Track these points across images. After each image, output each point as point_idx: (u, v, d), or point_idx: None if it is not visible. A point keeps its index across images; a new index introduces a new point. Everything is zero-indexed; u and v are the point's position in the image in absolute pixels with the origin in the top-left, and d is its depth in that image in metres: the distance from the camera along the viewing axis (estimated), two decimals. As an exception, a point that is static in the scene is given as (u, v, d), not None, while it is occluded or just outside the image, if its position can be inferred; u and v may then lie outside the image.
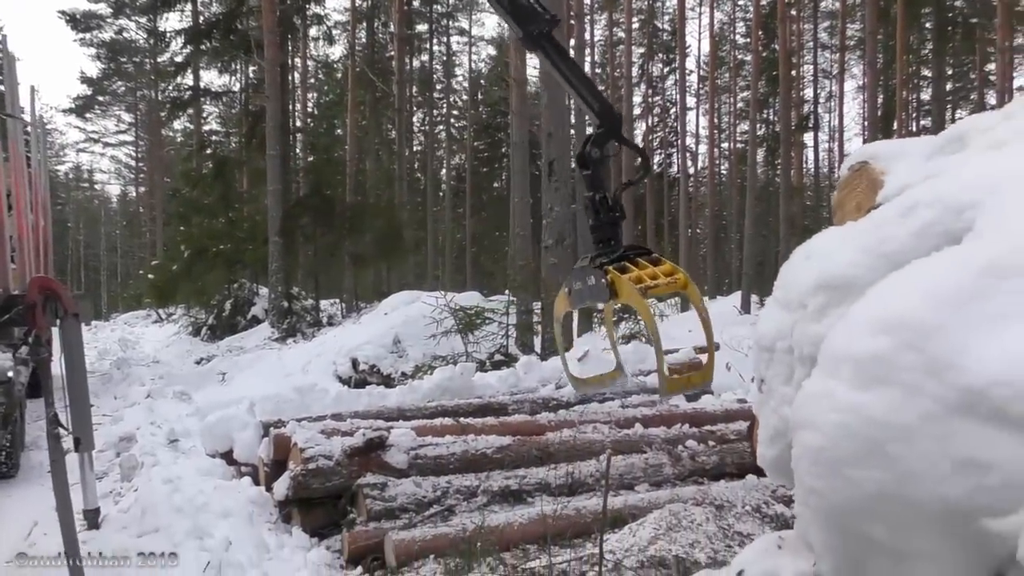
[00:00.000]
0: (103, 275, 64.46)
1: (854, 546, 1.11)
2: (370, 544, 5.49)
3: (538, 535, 5.43)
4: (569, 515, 5.70)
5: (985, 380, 0.99)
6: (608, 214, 6.71)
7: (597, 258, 6.57)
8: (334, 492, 5.95)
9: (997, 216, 1.22)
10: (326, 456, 5.93)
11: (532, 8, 6.71)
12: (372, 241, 22.41)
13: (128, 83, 56.43)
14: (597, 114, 6.78)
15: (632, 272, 6.19)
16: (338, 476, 5.90)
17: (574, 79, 6.87)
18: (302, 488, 5.85)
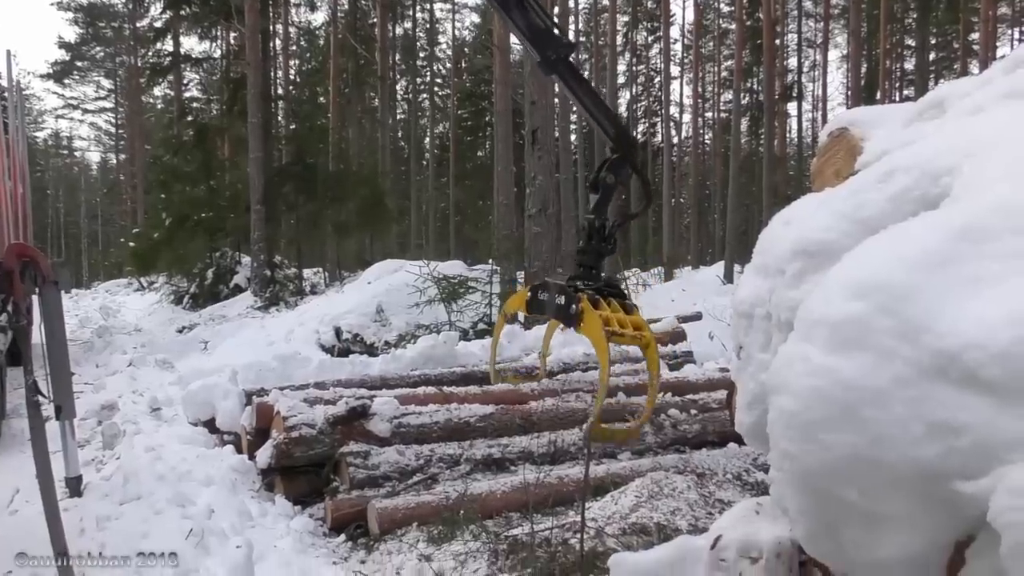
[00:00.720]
0: (83, 243, 63.98)
1: (827, 509, 1.12)
2: (353, 512, 5.52)
3: (520, 503, 5.47)
4: (551, 483, 5.74)
5: (958, 344, 1.00)
6: (600, 243, 6.78)
7: (575, 281, 6.63)
8: (317, 461, 5.96)
9: (973, 181, 1.22)
10: (309, 424, 5.94)
11: (550, 32, 6.70)
12: (355, 210, 22.31)
13: (107, 48, 55.86)
14: (613, 140, 6.82)
15: (604, 311, 6.26)
16: (321, 444, 5.91)
17: (590, 104, 6.85)
18: (285, 456, 5.86)
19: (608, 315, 6.24)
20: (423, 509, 5.36)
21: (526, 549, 4.62)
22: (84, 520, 5.01)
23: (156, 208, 23.87)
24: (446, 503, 5.40)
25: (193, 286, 22.04)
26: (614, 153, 6.86)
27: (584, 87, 6.99)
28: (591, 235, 6.78)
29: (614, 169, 6.79)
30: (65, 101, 60.87)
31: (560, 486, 5.74)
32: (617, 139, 6.81)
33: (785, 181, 37.66)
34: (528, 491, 5.49)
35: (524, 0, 6.63)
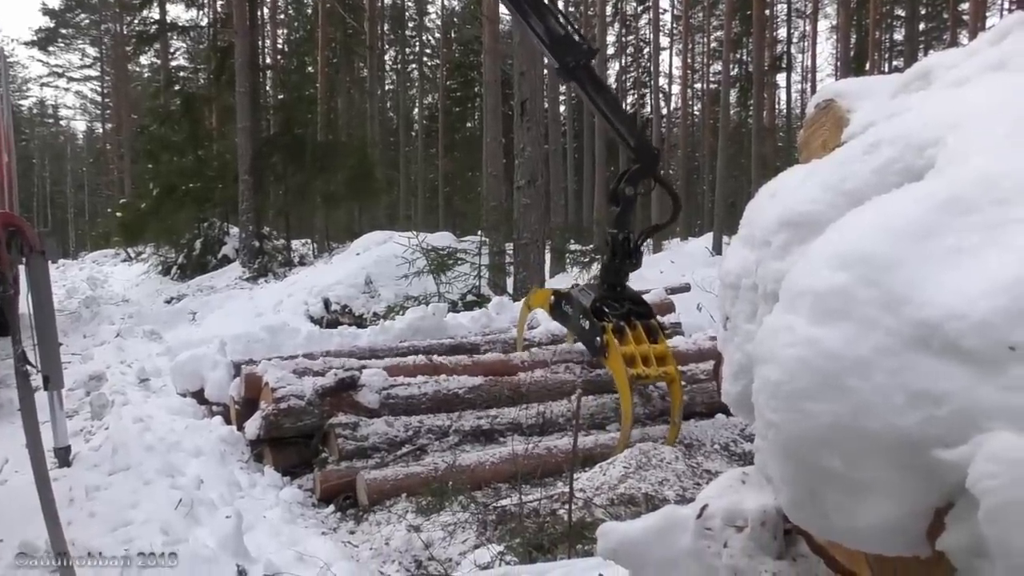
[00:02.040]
0: (70, 213, 63.59)
1: (810, 477, 1.14)
2: (342, 483, 5.56)
3: (509, 474, 5.51)
4: (540, 454, 5.78)
5: (939, 314, 1.01)
6: (623, 260, 6.61)
7: (599, 302, 6.45)
8: (306, 432, 5.99)
9: (957, 153, 1.23)
10: (297, 396, 5.97)
11: (570, 38, 6.49)
12: (344, 180, 22.22)
13: (92, 16, 55.27)
14: (634, 150, 6.61)
15: (628, 344, 6.09)
16: (309, 416, 5.94)
17: (609, 113, 6.64)
18: (273, 428, 5.89)
19: (632, 351, 6.06)
20: (411, 480, 5.40)
21: (515, 520, 4.66)
22: (73, 490, 5.03)
23: (143, 178, 23.75)
24: (434, 474, 5.43)
25: (181, 257, 21.98)
26: (634, 163, 6.67)
27: (604, 95, 6.79)
28: (615, 251, 6.60)
29: (633, 180, 6.61)
30: (50, 69, 60.36)
31: (549, 457, 5.78)
32: (637, 150, 6.61)
33: (774, 152, 37.65)
34: (517, 462, 5.53)
35: (543, 4, 6.46)
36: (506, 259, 14.47)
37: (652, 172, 6.71)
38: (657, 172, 6.82)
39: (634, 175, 6.62)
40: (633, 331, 6.22)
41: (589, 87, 6.60)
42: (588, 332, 6.31)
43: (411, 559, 4.59)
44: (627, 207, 6.65)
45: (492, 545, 4.33)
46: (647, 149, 6.70)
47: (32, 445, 4.09)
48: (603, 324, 6.15)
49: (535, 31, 6.49)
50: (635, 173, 6.63)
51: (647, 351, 6.13)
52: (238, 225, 20.62)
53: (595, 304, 6.41)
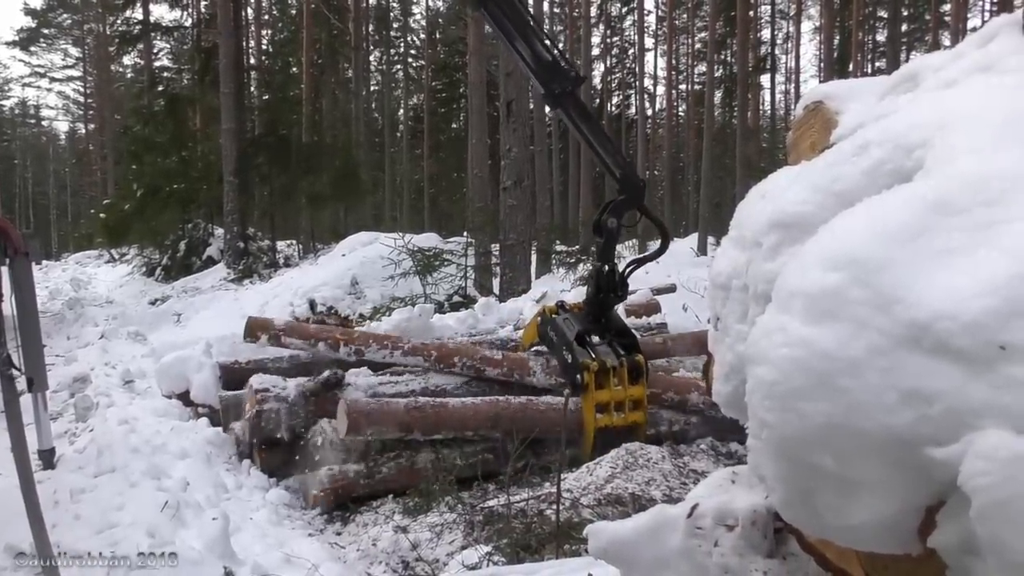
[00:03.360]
0: (53, 214, 63.20)
1: (803, 477, 1.15)
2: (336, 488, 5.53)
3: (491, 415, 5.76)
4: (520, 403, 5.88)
5: (930, 314, 1.02)
6: (608, 295, 6.46)
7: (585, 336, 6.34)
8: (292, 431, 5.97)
9: (945, 155, 1.24)
10: (280, 399, 5.92)
11: (556, 65, 6.33)
12: (329, 181, 22.19)
13: (74, 16, 55.03)
14: (619, 180, 6.45)
15: (605, 391, 6.02)
16: (295, 418, 5.90)
17: (595, 141, 6.49)
18: (259, 431, 5.86)
19: (608, 397, 6.01)
20: (393, 410, 5.45)
21: (502, 520, 4.66)
22: (58, 492, 5.01)
23: (127, 179, 23.63)
24: (415, 405, 5.49)
25: (165, 258, 21.90)
26: (619, 195, 6.51)
27: (590, 124, 6.59)
28: (599, 285, 6.42)
29: (617, 212, 6.42)
30: (32, 69, 60.07)
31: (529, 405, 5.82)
32: (622, 181, 6.42)
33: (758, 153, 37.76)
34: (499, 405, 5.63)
35: (530, 30, 6.31)
36: (492, 260, 14.47)
37: (637, 204, 6.54)
38: (643, 204, 6.64)
39: (618, 206, 6.45)
40: (616, 372, 6.11)
41: (575, 115, 6.44)
42: (570, 366, 6.19)
43: (398, 560, 4.59)
44: (610, 239, 6.47)
45: (480, 546, 4.34)
46: (633, 180, 6.49)
47: (16, 447, 4.07)
48: (586, 362, 6.03)
49: (521, 55, 6.33)
50: (619, 204, 6.45)
51: (622, 396, 6.05)
52: (223, 226, 20.55)
53: (579, 336, 6.29)
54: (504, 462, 5.33)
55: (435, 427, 5.67)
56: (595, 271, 6.56)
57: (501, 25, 6.29)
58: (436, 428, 5.67)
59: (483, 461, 5.74)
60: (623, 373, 6.12)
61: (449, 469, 5.47)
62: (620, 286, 6.47)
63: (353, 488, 5.54)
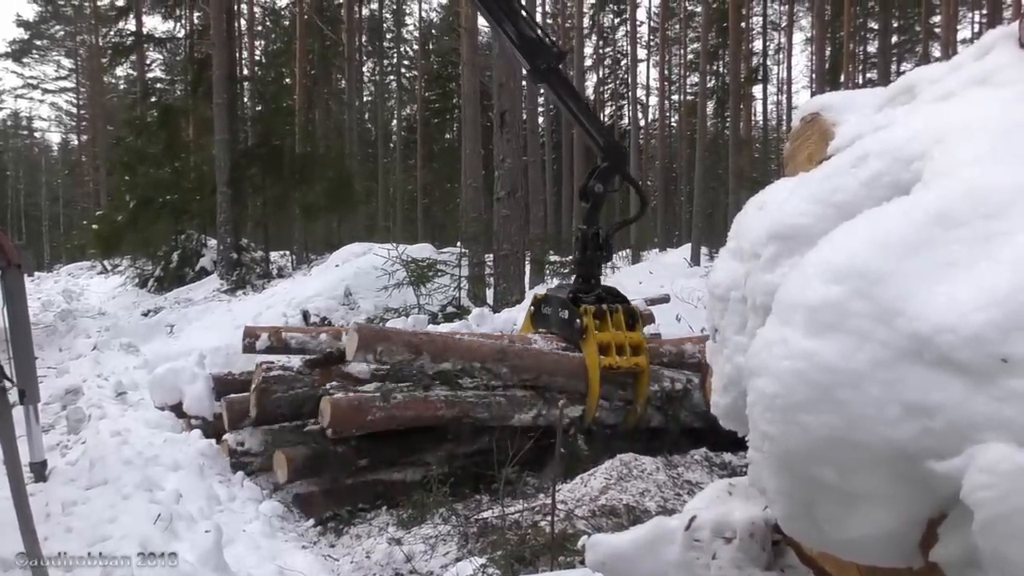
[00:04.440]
0: (45, 225, 62.94)
1: (805, 489, 1.14)
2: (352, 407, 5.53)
3: (498, 350, 5.91)
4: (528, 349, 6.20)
5: (931, 327, 1.02)
6: (595, 252, 6.84)
7: (576, 293, 6.65)
8: (298, 403, 5.92)
9: (943, 167, 1.24)
10: (286, 368, 5.98)
11: (540, 41, 6.78)
12: (322, 192, 22.16)
13: (67, 27, 54.91)
14: (602, 149, 6.91)
15: (606, 331, 6.30)
16: (301, 384, 5.92)
17: (579, 113, 6.96)
18: (266, 395, 5.82)
19: (609, 338, 6.29)
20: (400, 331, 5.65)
21: (496, 532, 4.65)
22: (50, 505, 4.97)
23: (120, 190, 23.56)
24: (423, 331, 5.48)
25: (158, 269, 21.82)
26: (603, 162, 6.92)
27: (573, 97, 7.08)
28: (586, 245, 6.83)
29: (602, 178, 6.88)
30: (24, 81, 59.82)
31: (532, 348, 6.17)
32: (606, 149, 6.89)
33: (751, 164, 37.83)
34: (504, 342, 5.96)
35: (514, 9, 6.69)
36: (486, 270, 14.45)
37: (620, 170, 7.01)
38: (625, 170, 7.13)
39: (603, 172, 6.88)
40: (613, 315, 6.43)
41: (559, 89, 6.89)
42: (568, 320, 6.49)
43: (392, 572, 4.56)
44: (596, 203, 6.92)
45: (474, 558, 4.31)
46: (615, 147, 7.01)
47: (9, 460, 4.05)
48: (584, 307, 6.36)
49: (507, 34, 6.73)
50: (604, 171, 6.89)
51: (623, 339, 6.34)
52: (216, 237, 20.50)
53: (572, 294, 6.62)
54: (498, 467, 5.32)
55: (443, 352, 5.73)
56: (582, 234, 6.93)
57: (488, 6, 6.71)
58: (444, 354, 5.73)
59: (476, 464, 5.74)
60: (620, 319, 6.45)
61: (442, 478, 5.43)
62: (605, 247, 6.90)
63: (369, 411, 5.51)
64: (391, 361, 5.66)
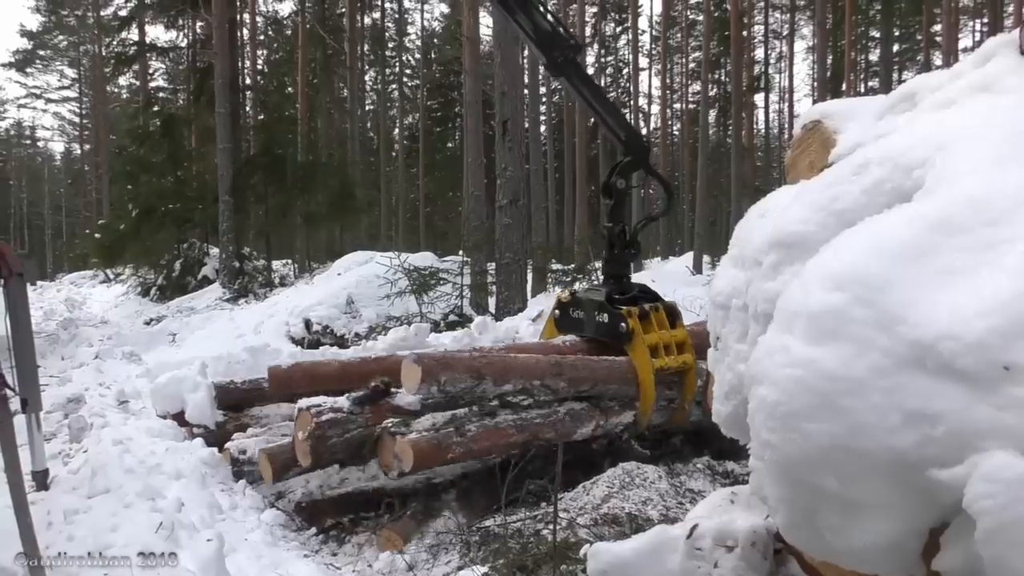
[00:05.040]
0: (47, 234, 63.09)
1: (807, 498, 1.14)
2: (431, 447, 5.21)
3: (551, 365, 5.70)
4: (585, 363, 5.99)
5: (933, 334, 1.02)
6: (624, 250, 6.69)
7: (614, 300, 6.41)
8: (354, 445, 5.47)
9: (945, 174, 1.24)
10: (335, 409, 5.55)
11: (556, 34, 6.62)
12: (324, 201, 22.19)
13: (70, 37, 55.15)
14: (624, 143, 6.70)
15: (652, 331, 6.14)
16: (355, 425, 5.43)
17: (598, 106, 6.75)
18: (322, 442, 5.33)
19: (656, 339, 6.11)
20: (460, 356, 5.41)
21: (498, 540, 4.64)
22: (51, 514, 4.96)
23: (122, 199, 23.62)
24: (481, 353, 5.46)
25: (160, 278, 21.84)
26: (625, 156, 6.74)
27: (592, 88, 6.91)
28: (613, 243, 6.68)
29: (625, 173, 6.69)
30: (28, 90, 60.05)
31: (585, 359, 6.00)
32: (628, 142, 6.69)
33: (753, 172, 37.86)
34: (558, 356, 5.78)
35: (529, 2, 6.53)
36: (488, 279, 14.45)
37: (643, 164, 6.82)
38: (648, 164, 6.92)
39: (625, 168, 6.70)
40: (656, 314, 6.26)
41: (577, 81, 6.72)
42: (609, 323, 6.26)
43: (395, 581, 4.55)
44: (620, 200, 6.73)
45: (476, 566, 4.30)
46: (637, 141, 6.80)
47: (10, 469, 4.04)
48: (628, 309, 6.15)
49: (522, 27, 6.59)
50: (626, 166, 6.70)
51: (669, 339, 6.18)
52: (218, 246, 20.51)
53: (608, 296, 6.41)
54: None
55: (503, 374, 5.43)
56: (608, 231, 6.75)
57: (503, 1, 6.54)
58: (505, 375, 5.45)
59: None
60: (662, 317, 6.28)
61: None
62: (633, 244, 6.74)
63: (448, 448, 5.21)
64: (455, 390, 5.39)
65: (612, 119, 6.74)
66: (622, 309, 6.19)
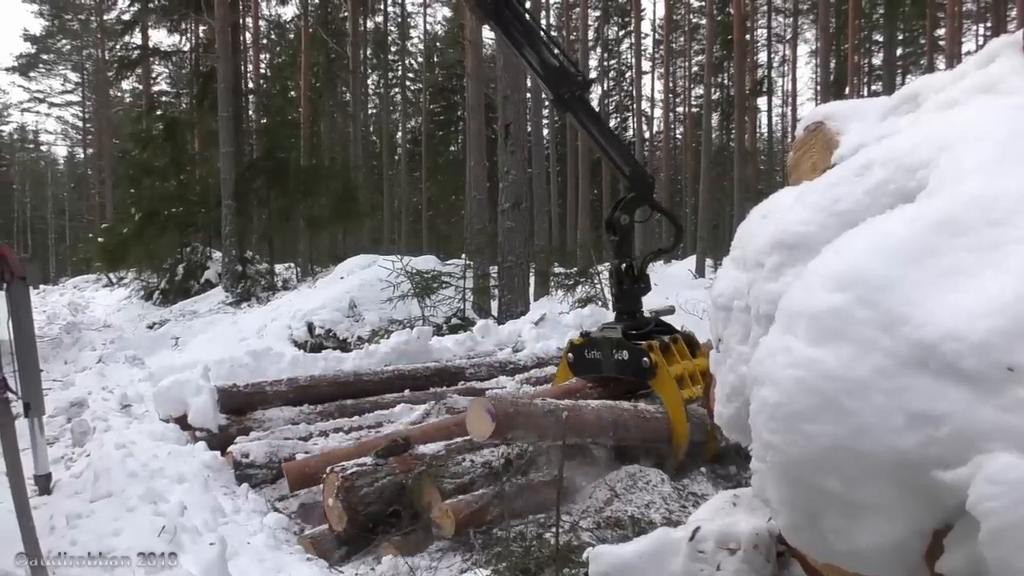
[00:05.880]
0: (51, 238, 63.19)
1: (809, 500, 1.13)
2: (471, 512, 4.92)
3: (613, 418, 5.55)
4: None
5: (937, 335, 1.01)
6: (633, 285, 6.59)
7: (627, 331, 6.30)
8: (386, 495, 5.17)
9: (949, 174, 1.23)
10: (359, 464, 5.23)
11: (564, 70, 6.57)
12: (327, 204, 22.23)
13: (73, 41, 55.32)
14: (628, 178, 6.63)
15: (676, 363, 6.03)
16: (383, 473, 5.19)
17: (604, 142, 6.69)
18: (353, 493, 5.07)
19: (680, 370, 6.02)
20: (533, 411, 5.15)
21: (501, 544, 4.63)
22: (54, 518, 4.96)
23: (125, 203, 23.64)
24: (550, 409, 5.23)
25: (163, 282, 21.87)
26: (629, 192, 6.70)
27: (599, 126, 6.84)
28: (621, 280, 6.60)
29: (628, 209, 6.63)
30: (31, 94, 60.24)
31: (638, 411, 5.84)
32: (632, 178, 6.61)
33: (756, 175, 37.87)
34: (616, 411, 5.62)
35: (537, 38, 6.52)
36: (491, 282, 14.45)
37: (647, 200, 6.71)
38: (652, 199, 6.81)
39: (629, 203, 6.63)
40: (676, 346, 6.19)
41: (584, 117, 6.65)
42: (629, 360, 6.11)
43: (397, 585, 4.54)
44: (625, 235, 6.64)
45: (479, 569, 4.30)
46: (642, 177, 6.69)
47: (12, 473, 4.04)
48: (649, 343, 6.04)
49: (530, 63, 6.54)
50: (630, 201, 6.64)
51: (692, 368, 6.11)
52: (221, 249, 20.54)
53: (624, 333, 6.28)
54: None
55: (570, 431, 5.26)
56: (615, 268, 6.69)
57: (511, 36, 6.53)
58: (571, 432, 5.29)
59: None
60: (682, 347, 6.22)
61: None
62: (642, 278, 6.63)
63: (486, 511, 4.93)
64: (517, 445, 5.30)
65: (617, 154, 6.67)
66: (642, 344, 6.07)
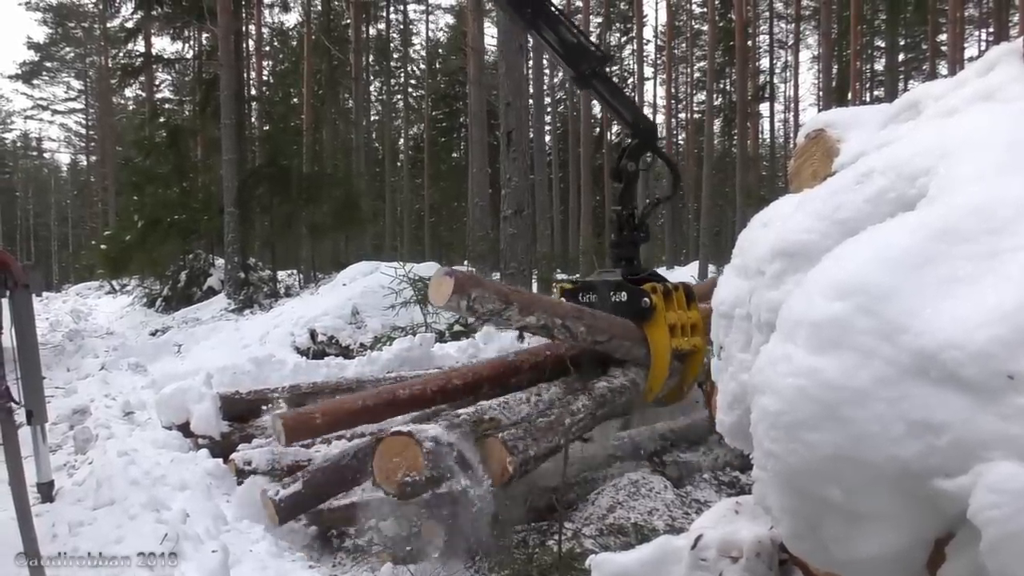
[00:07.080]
0: (53, 245, 63.32)
1: (810, 508, 1.13)
2: None
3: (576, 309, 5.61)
4: None
5: (937, 343, 1.01)
6: (632, 233, 6.63)
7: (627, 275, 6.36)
8: None
9: (949, 182, 1.23)
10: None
11: (583, 47, 6.63)
12: (329, 211, 22.22)
13: (77, 49, 55.46)
14: (631, 125, 6.73)
15: (672, 310, 6.07)
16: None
17: (621, 108, 6.79)
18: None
19: (675, 319, 6.06)
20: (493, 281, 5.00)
21: (503, 551, 4.62)
22: (56, 526, 4.96)
23: (128, 210, 23.65)
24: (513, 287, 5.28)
25: (166, 289, 21.87)
26: (632, 139, 6.77)
27: (620, 98, 6.92)
28: (622, 226, 6.63)
29: (633, 155, 6.68)
30: (34, 102, 60.39)
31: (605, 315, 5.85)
32: (634, 124, 6.72)
33: (758, 181, 37.89)
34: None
35: (553, 16, 6.56)
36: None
37: (651, 146, 6.80)
38: (655, 145, 6.92)
39: (634, 150, 6.69)
40: (676, 294, 6.22)
41: (605, 92, 6.73)
42: (628, 302, 6.12)
43: (399, 592, 4.54)
44: (630, 182, 6.75)
45: (481, 577, 4.30)
46: (644, 122, 6.82)
47: (14, 481, 4.04)
48: (652, 284, 6.09)
49: (548, 42, 6.58)
50: (635, 148, 6.70)
51: (685, 320, 6.15)
52: (223, 256, 20.54)
53: (625, 275, 6.35)
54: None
55: (529, 305, 5.32)
56: (616, 215, 6.73)
57: (527, 16, 6.57)
58: (530, 307, 5.31)
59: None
60: (681, 298, 6.24)
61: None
62: (641, 227, 6.68)
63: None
64: (482, 309, 5.16)
65: (627, 112, 6.79)
66: (644, 286, 6.12)
